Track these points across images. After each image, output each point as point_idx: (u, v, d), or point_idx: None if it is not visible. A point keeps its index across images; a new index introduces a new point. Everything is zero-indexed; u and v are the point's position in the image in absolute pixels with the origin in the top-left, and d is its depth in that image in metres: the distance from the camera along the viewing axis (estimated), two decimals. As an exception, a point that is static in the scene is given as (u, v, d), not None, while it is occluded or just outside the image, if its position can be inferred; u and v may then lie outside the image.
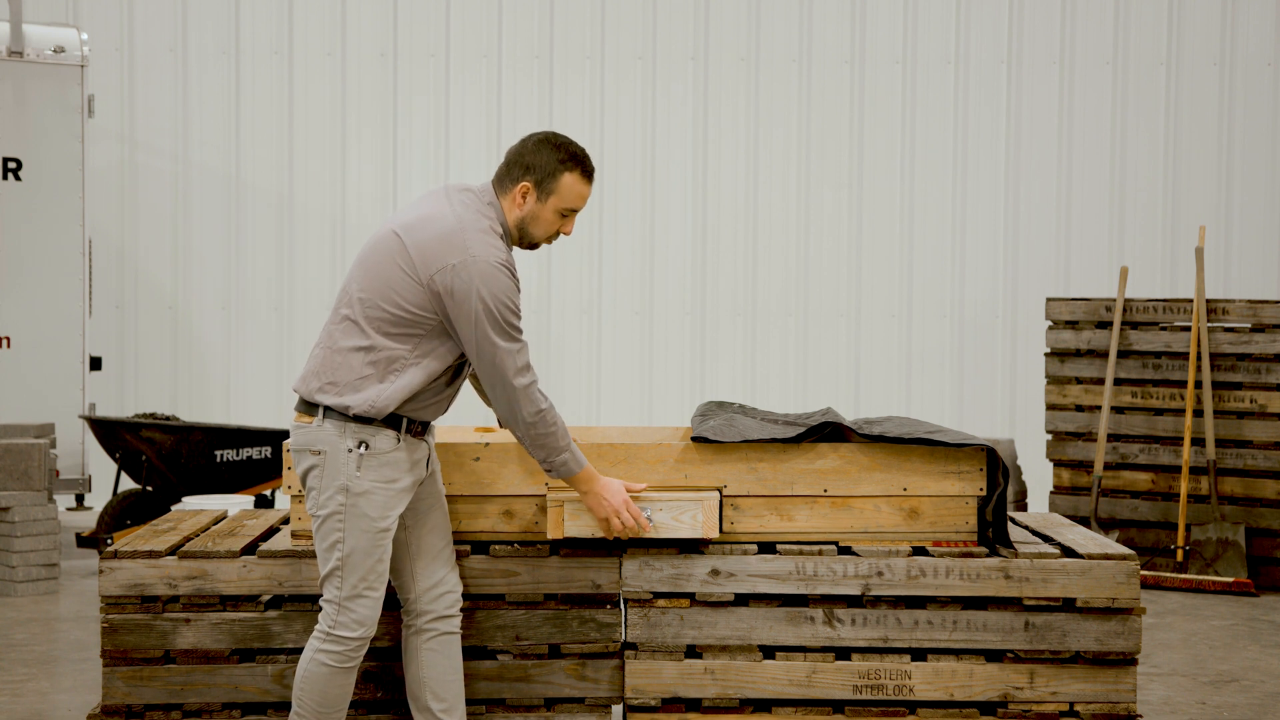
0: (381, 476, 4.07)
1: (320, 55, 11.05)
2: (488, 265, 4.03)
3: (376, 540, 4.08)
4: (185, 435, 8.47)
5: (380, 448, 4.07)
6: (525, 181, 4.15)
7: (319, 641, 4.11)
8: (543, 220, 4.19)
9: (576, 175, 4.16)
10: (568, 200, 4.17)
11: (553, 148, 4.16)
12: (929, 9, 11.19)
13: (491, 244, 4.07)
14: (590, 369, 11.12)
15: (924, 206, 11.20)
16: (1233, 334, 8.41)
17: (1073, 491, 8.75)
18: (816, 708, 4.47)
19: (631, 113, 11.17)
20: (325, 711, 4.12)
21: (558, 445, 4.15)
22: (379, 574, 4.11)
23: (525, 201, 4.17)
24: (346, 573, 4.07)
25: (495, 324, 4.02)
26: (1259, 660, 6.60)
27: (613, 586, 4.48)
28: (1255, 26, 11.17)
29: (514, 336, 4.07)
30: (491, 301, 4.01)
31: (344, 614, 4.08)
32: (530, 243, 4.24)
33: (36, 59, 9.31)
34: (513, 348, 4.06)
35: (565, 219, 4.21)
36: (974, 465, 4.53)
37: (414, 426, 4.15)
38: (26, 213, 9.32)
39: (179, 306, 11.05)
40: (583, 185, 4.18)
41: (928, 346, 11.20)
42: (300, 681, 4.11)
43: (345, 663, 4.11)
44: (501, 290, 4.03)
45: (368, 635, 4.12)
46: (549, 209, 4.17)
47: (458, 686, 4.28)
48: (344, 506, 4.05)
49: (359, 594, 4.08)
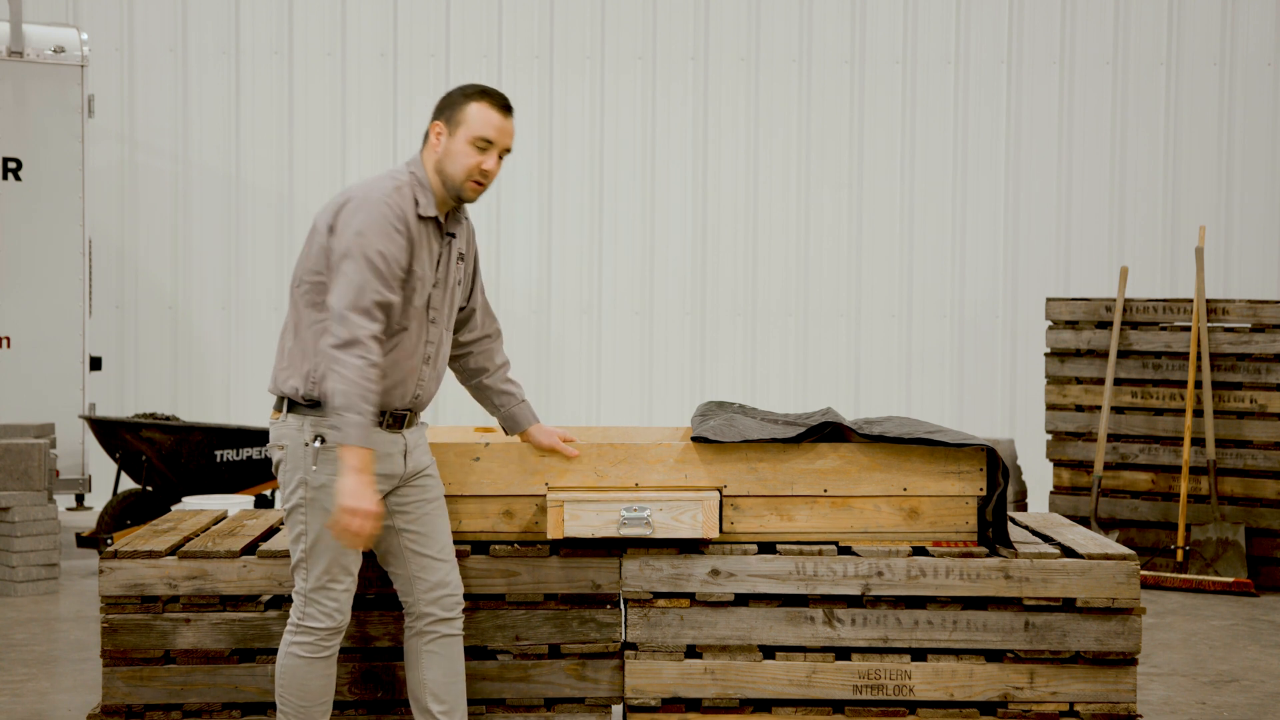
0: (338, 469, 4.02)
1: (320, 55, 11.05)
2: (370, 200, 4.03)
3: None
4: (185, 435, 8.46)
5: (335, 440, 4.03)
6: (436, 121, 4.16)
7: (291, 634, 4.11)
8: (455, 154, 4.12)
9: (483, 104, 4.13)
10: (476, 128, 4.11)
11: (459, 88, 4.19)
12: (929, 9, 11.19)
13: (387, 189, 4.06)
14: (590, 369, 11.12)
15: (924, 206, 11.20)
16: (1233, 334, 8.41)
17: (1073, 491, 8.75)
18: (816, 708, 4.47)
19: (631, 113, 11.17)
20: (308, 705, 4.11)
21: (354, 404, 3.91)
22: (343, 566, 4.09)
23: (439, 141, 4.15)
24: (311, 564, 4.07)
25: (361, 253, 3.98)
26: (1259, 660, 6.60)
27: (613, 586, 4.48)
28: (1255, 26, 11.17)
29: (379, 274, 3.97)
30: (365, 230, 3.99)
31: (311, 605, 4.08)
32: (452, 188, 4.15)
33: (36, 59, 9.31)
34: (366, 280, 3.96)
35: (482, 152, 4.12)
36: (974, 465, 4.53)
37: (378, 419, 4.09)
38: (26, 213, 9.32)
39: (179, 306, 11.05)
40: (491, 113, 4.12)
41: (928, 346, 11.20)
42: (279, 677, 4.11)
43: (318, 653, 4.09)
44: (376, 223, 3.99)
45: (338, 625, 4.11)
46: (459, 141, 4.11)
47: (459, 688, 4.27)
48: (305, 500, 4.05)
49: (323, 585, 4.08)
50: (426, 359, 4.20)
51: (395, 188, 4.08)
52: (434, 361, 4.24)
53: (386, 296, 4.00)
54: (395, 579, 4.28)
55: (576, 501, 4.36)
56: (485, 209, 11.10)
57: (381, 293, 3.99)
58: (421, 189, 4.14)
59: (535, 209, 11.16)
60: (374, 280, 3.98)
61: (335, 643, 4.12)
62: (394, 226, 4.02)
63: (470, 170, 4.12)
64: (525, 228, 11.16)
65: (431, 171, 4.17)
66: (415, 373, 4.17)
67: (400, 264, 4.04)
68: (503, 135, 4.15)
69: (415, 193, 4.12)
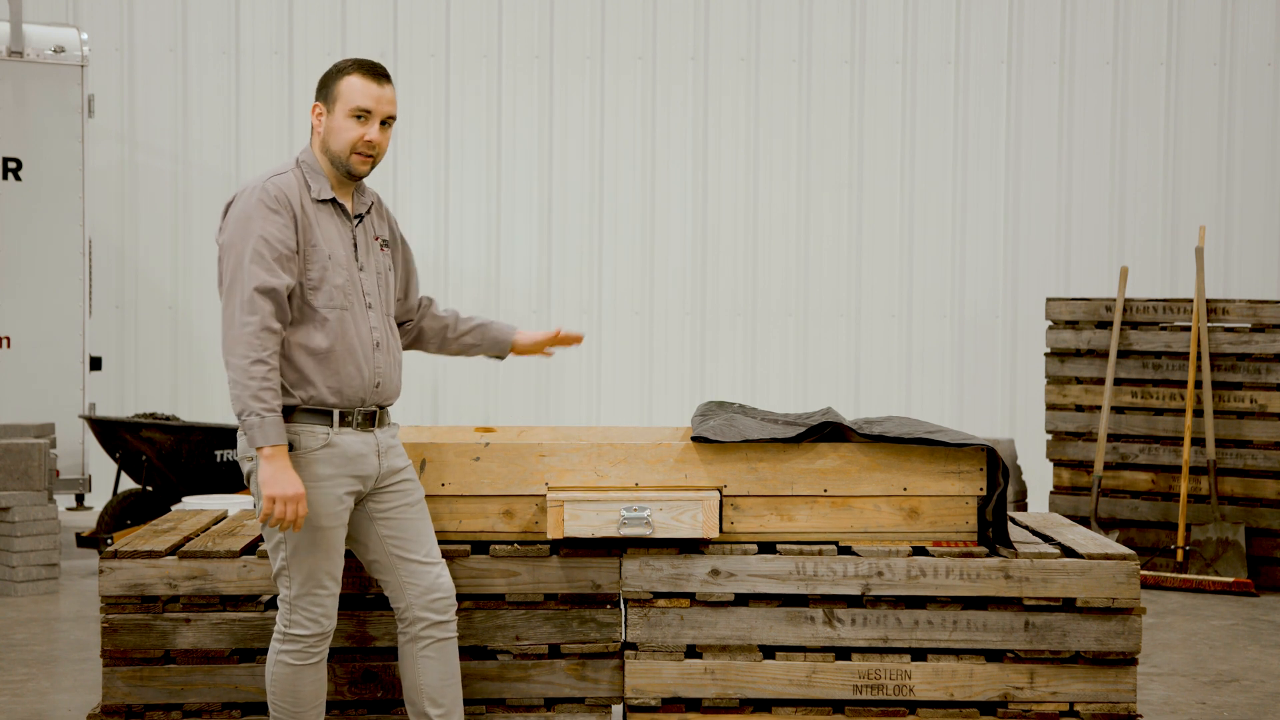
0: (311, 475, 4.01)
1: (320, 55, 11.05)
2: (243, 194, 4.03)
3: (317, 539, 4.04)
4: (185, 435, 8.46)
5: (307, 445, 4.02)
6: (316, 103, 4.15)
7: (278, 642, 4.09)
8: (336, 130, 4.10)
9: (356, 75, 4.11)
10: (353, 99, 4.09)
11: (334, 65, 4.17)
12: (929, 9, 11.19)
13: (261, 180, 4.06)
14: (590, 369, 11.12)
15: (924, 206, 11.20)
16: (1233, 334, 8.41)
17: (1073, 491, 8.75)
18: (816, 708, 4.47)
19: (631, 113, 11.17)
20: (301, 710, 4.10)
21: (247, 405, 3.91)
22: (326, 571, 4.07)
23: (320, 121, 4.13)
24: (293, 572, 4.05)
25: (236, 243, 3.97)
26: (1259, 660, 6.60)
27: (613, 586, 4.47)
28: (1255, 26, 11.17)
29: (258, 259, 3.95)
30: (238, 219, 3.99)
31: (297, 612, 4.07)
32: (340, 165, 4.12)
33: (36, 59, 9.31)
34: (243, 271, 3.94)
35: (362, 122, 4.09)
36: (974, 465, 4.53)
37: (346, 418, 4.08)
38: (26, 213, 9.32)
39: (179, 306, 11.05)
40: (366, 83, 4.10)
41: (928, 346, 11.20)
42: (270, 685, 4.10)
43: (306, 660, 4.08)
44: (249, 210, 3.99)
45: (324, 631, 4.09)
46: (338, 116, 4.09)
47: (455, 691, 4.25)
48: None
49: (308, 592, 4.06)
50: (376, 344, 4.15)
51: (271, 177, 4.08)
52: (386, 348, 4.19)
53: (267, 281, 3.95)
54: (385, 585, 4.25)
55: (576, 501, 4.36)
56: (485, 209, 11.11)
57: (261, 278, 3.94)
58: (313, 173, 4.12)
59: (535, 209, 11.16)
60: (252, 267, 3.94)
61: (323, 648, 4.11)
62: (268, 208, 3.99)
63: (353, 143, 4.10)
64: (525, 227, 11.16)
65: (319, 154, 4.15)
66: (369, 359, 4.13)
67: (285, 243, 3.99)
68: (381, 104, 4.12)
69: (306, 178, 4.11)
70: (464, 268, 11.14)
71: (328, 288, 4.06)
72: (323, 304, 4.05)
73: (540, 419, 11.06)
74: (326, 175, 4.14)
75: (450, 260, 11.13)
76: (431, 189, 11.13)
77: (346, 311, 4.09)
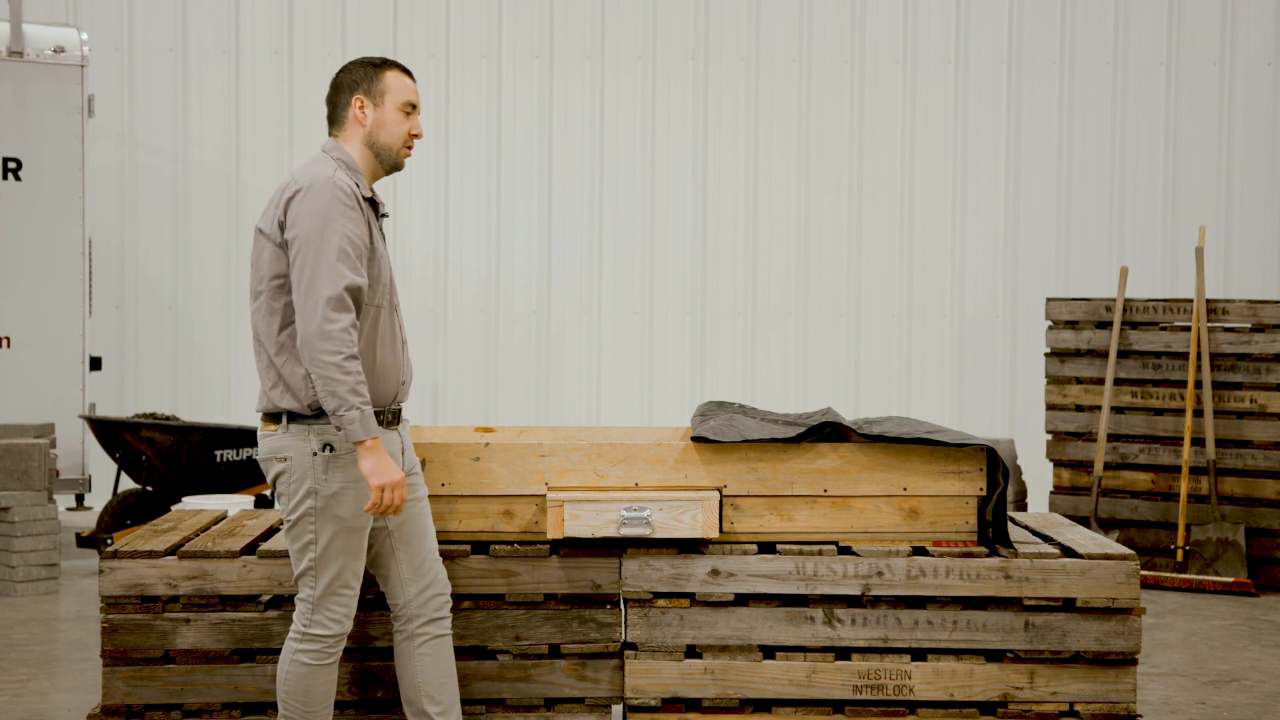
0: (349, 476, 4.02)
1: (320, 55, 11.05)
2: (319, 183, 3.98)
3: (350, 539, 4.05)
4: (185, 435, 8.46)
5: (345, 447, 4.02)
6: (356, 95, 4.14)
7: (296, 641, 4.09)
8: (389, 122, 4.13)
9: (396, 71, 4.17)
10: (401, 94, 4.14)
11: (361, 62, 4.18)
12: (929, 9, 11.19)
13: (330, 170, 4.02)
14: (590, 369, 11.12)
15: (924, 206, 11.20)
16: (1233, 334, 8.41)
17: (1073, 491, 8.75)
18: (816, 708, 4.47)
19: (631, 113, 11.17)
20: (312, 710, 4.10)
21: (345, 400, 3.89)
22: (354, 571, 4.08)
23: (366, 114, 4.13)
24: (320, 572, 4.05)
25: (323, 239, 3.92)
26: (1259, 660, 6.60)
27: (613, 586, 4.48)
28: (1255, 26, 11.17)
29: (344, 257, 3.93)
30: (323, 214, 3.94)
31: (319, 612, 4.06)
32: (388, 158, 4.15)
33: (36, 59, 9.31)
34: (332, 269, 3.91)
35: (409, 116, 4.16)
36: (974, 465, 4.54)
37: (380, 416, 4.09)
38: (26, 213, 9.32)
39: (179, 306, 11.05)
40: (406, 79, 4.18)
41: (928, 346, 11.20)
42: (283, 684, 4.09)
43: (324, 660, 4.09)
44: (332, 205, 3.95)
45: (344, 631, 4.10)
46: (389, 109, 4.13)
47: (452, 688, 4.26)
48: (314, 509, 4.01)
49: (334, 592, 4.06)
50: (403, 343, 4.22)
51: (336, 168, 4.05)
52: (408, 345, 4.26)
53: (355, 280, 3.95)
54: (384, 581, 4.26)
55: (576, 501, 4.36)
56: (485, 208, 11.11)
57: (349, 277, 3.94)
58: (351, 169, 4.11)
59: (535, 209, 11.16)
60: (339, 266, 3.93)
61: (339, 649, 4.12)
62: (345, 204, 3.99)
63: (404, 136, 4.16)
64: (525, 227, 11.16)
65: (361, 147, 4.15)
66: (400, 357, 4.18)
67: (365, 241, 4.01)
68: (418, 98, 4.22)
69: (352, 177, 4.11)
70: (464, 267, 11.14)
71: (379, 286, 4.10)
72: (374, 302, 4.09)
73: (540, 419, 11.06)
74: (362, 170, 4.15)
75: (450, 260, 11.13)
76: (431, 189, 11.13)
77: (383, 309, 4.12)
